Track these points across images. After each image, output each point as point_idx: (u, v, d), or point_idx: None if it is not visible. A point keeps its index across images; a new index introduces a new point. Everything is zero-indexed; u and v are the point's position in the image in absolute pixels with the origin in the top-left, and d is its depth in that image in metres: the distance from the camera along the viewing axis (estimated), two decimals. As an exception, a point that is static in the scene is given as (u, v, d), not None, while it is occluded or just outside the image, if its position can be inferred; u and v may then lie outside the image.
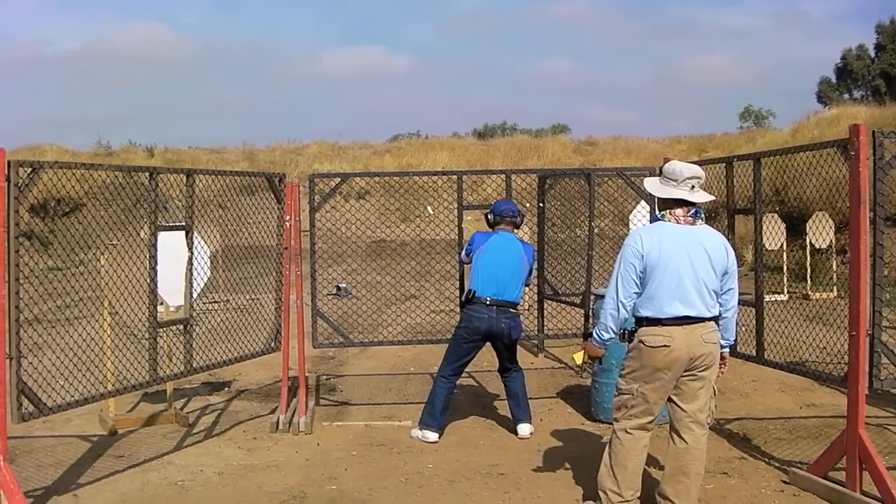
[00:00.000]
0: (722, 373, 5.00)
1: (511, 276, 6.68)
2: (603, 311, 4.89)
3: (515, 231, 6.94)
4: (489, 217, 6.98)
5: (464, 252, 7.05)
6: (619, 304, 4.79)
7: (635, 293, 4.79)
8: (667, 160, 7.62)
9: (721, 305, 4.86)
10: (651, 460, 5.64)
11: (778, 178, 15.85)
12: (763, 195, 6.42)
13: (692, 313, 4.73)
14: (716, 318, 4.83)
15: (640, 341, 4.82)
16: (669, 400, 4.89)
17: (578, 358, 5.28)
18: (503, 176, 8.10)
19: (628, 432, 4.89)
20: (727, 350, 5.02)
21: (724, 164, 6.82)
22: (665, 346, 4.72)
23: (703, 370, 4.80)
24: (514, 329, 6.68)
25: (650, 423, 4.91)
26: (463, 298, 6.83)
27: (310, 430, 6.99)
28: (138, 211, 5.92)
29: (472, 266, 6.81)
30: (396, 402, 8.05)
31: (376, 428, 7.15)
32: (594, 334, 4.98)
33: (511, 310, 6.69)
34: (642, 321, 4.82)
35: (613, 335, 4.91)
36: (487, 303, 6.64)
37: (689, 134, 34.29)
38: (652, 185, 5.04)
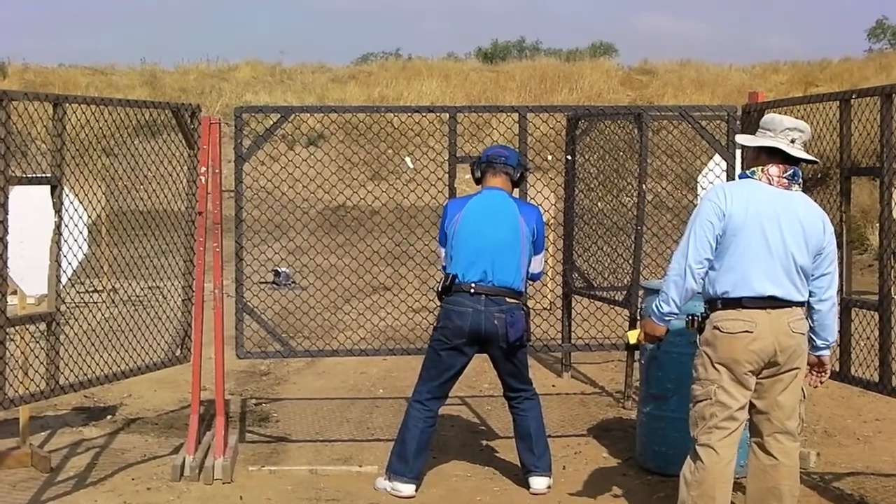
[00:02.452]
0: (821, 382, 5.66)
1: (504, 250, 6.60)
2: (666, 279, 5.42)
3: (512, 189, 6.87)
4: (475, 171, 6.92)
5: (437, 239, 6.95)
6: (688, 270, 5.28)
7: (707, 259, 5.29)
8: (754, 97, 7.65)
9: (814, 294, 5.38)
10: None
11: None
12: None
13: (779, 293, 5.23)
14: (803, 305, 5.34)
15: (715, 327, 5.30)
16: (749, 407, 5.39)
17: (633, 336, 5.90)
18: (516, 115, 8.02)
19: (715, 450, 5.27)
20: (826, 353, 5.56)
21: (838, 104, 6.76)
22: (747, 332, 5.21)
23: (789, 369, 5.31)
24: (511, 328, 6.58)
25: (737, 434, 5.32)
26: (439, 287, 6.76)
27: (230, 478, 6.97)
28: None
29: (448, 244, 6.76)
30: (356, 439, 8.05)
31: (327, 475, 7.14)
32: (653, 307, 5.48)
33: (509, 300, 6.62)
34: (716, 303, 5.32)
35: (676, 309, 5.40)
36: (472, 291, 6.58)
37: (790, 59, 34.35)
38: (745, 137, 5.76)
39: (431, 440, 6.92)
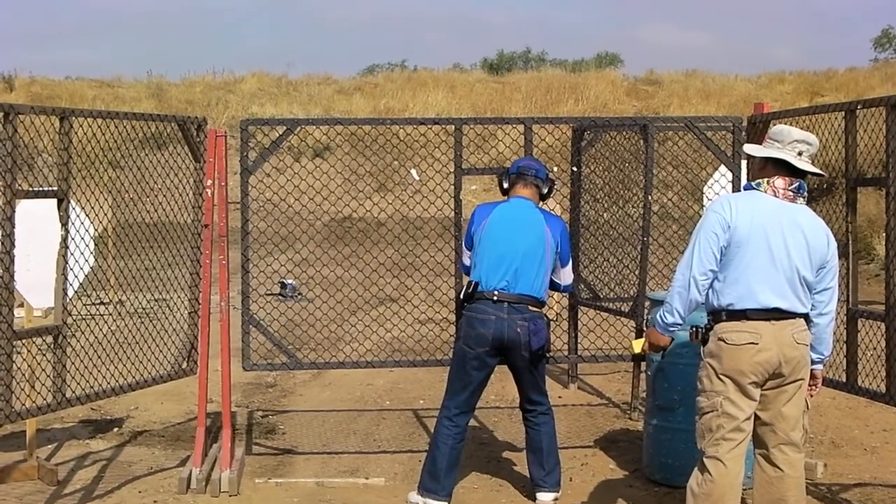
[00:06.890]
0: (812, 395, 5.56)
1: (528, 258, 6.57)
2: (670, 290, 5.43)
3: (540, 202, 6.84)
4: (503, 181, 6.88)
5: (463, 244, 6.93)
6: (692, 281, 5.30)
7: (712, 271, 5.31)
8: (759, 107, 7.64)
9: (814, 308, 5.40)
10: None
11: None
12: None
13: (784, 306, 5.25)
14: (807, 317, 5.36)
15: (720, 339, 5.29)
16: (754, 419, 5.39)
17: (637, 346, 5.98)
18: (522, 127, 8.02)
19: (723, 463, 5.27)
20: (819, 367, 5.56)
21: (843, 114, 6.75)
22: (752, 343, 5.22)
23: (793, 381, 5.31)
24: (535, 336, 6.53)
25: (744, 445, 5.31)
26: (461, 295, 6.71)
27: (236, 491, 6.97)
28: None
29: (474, 250, 6.73)
30: (363, 451, 8.03)
31: (333, 487, 7.13)
32: (657, 317, 5.45)
33: (531, 308, 6.57)
34: (720, 314, 5.33)
35: (681, 320, 5.43)
36: (495, 298, 6.54)
37: (796, 69, 34.35)
38: (752, 147, 5.75)
39: (461, 456, 6.85)
